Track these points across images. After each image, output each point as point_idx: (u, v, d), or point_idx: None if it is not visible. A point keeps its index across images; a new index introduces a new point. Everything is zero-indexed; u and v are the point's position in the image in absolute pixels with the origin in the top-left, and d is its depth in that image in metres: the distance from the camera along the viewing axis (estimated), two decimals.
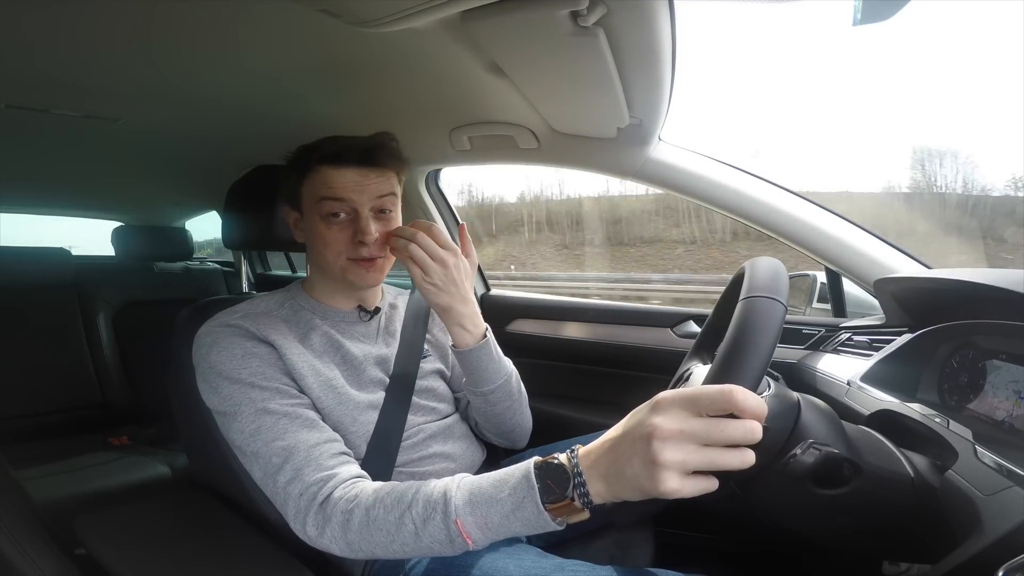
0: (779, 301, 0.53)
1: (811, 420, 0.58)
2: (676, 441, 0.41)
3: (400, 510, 0.53)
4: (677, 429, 0.41)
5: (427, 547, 0.52)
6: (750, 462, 0.41)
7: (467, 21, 0.61)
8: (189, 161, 1.48)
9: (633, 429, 0.44)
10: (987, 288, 0.67)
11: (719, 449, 0.41)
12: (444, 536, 0.51)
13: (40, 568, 0.63)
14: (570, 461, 0.48)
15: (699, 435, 0.41)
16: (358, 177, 0.71)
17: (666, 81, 0.77)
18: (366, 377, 0.77)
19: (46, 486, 1.19)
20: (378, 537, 0.54)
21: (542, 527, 0.48)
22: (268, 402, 0.64)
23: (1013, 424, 0.61)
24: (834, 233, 0.98)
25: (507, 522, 0.49)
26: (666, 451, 0.41)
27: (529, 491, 0.48)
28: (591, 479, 0.46)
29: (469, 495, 0.51)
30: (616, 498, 0.46)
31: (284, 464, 0.60)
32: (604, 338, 1.27)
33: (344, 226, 0.72)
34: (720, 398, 0.41)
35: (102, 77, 0.87)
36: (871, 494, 0.55)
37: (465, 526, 0.50)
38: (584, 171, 1.13)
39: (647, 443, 0.42)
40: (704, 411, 0.42)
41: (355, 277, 0.73)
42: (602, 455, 0.46)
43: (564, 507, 0.47)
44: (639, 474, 0.43)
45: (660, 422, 0.42)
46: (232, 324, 0.69)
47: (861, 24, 0.54)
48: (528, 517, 0.48)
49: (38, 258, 1.66)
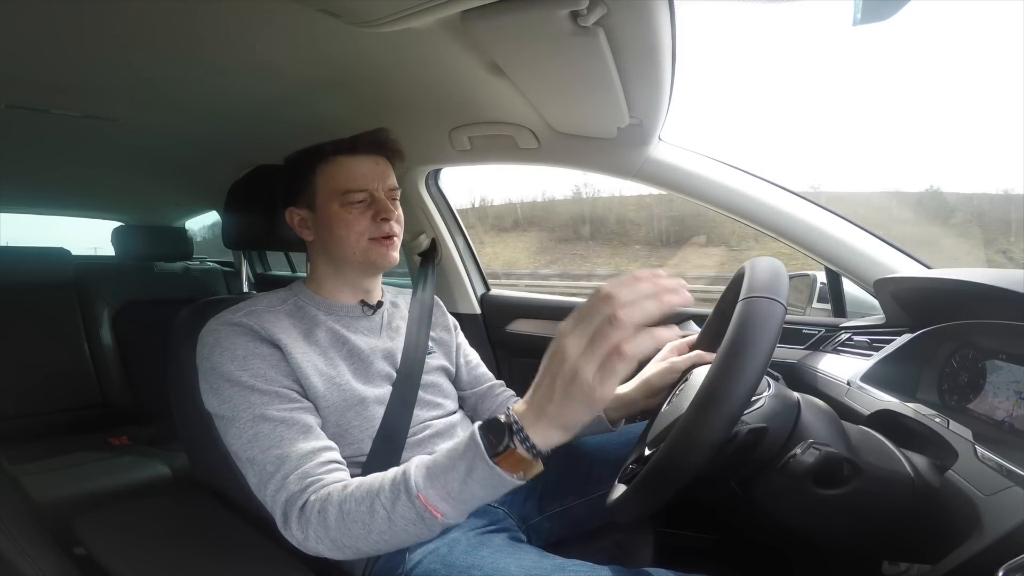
0: (779, 301, 0.53)
1: (811, 420, 0.58)
2: (585, 352, 0.44)
3: (370, 499, 0.55)
4: (580, 342, 0.44)
5: (402, 531, 0.53)
6: (662, 339, 0.44)
7: (467, 21, 0.61)
8: (189, 161, 1.48)
9: (547, 364, 0.47)
10: (987, 288, 0.67)
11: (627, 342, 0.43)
12: (414, 515, 0.53)
13: (40, 568, 0.63)
14: (507, 416, 0.50)
15: (597, 337, 0.44)
16: (372, 164, 0.78)
17: (666, 81, 0.77)
18: (374, 370, 0.77)
19: (46, 486, 1.19)
20: (356, 530, 0.55)
21: (501, 485, 0.50)
22: (267, 407, 0.64)
23: (1013, 424, 0.61)
24: (834, 233, 0.98)
25: (467, 487, 0.51)
26: (581, 361, 0.44)
27: (476, 449, 0.50)
28: (530, 426, 0.49)
29: (427, 470, 0.53)
30: (562, 430, 0.48)
31: (276, 472, 0.61)
32: None
33: (363, 209, 0.76)
34: (596, 301, 0.44)
35: (102, 77, 0.87)
36: (871, 494, 0.55)
37: (429, 500, 0.52)
38: (584, 171, 1.13)
39: (561, 364, 0.45)
40: (595, 321, 0.44)
41: (377, 256, 0.77)
42: (532, 400, 0.49)
43: (513, 459, 0.49)
44: (568, 392, 0.45)
45: (565, 343, 0.45)
46: (236, 323, 0.69)
47: (861, 24, 0.54)
48: (484, 476, 0.50)
49: (38, 258, 1.66)
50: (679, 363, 0.81)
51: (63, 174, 1.56)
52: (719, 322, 0.79)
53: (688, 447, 0.50)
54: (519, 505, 0.86)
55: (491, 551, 0.68)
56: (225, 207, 0.93)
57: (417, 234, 1.36)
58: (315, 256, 0.82)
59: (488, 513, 0.80)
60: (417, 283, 1.18)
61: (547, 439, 0.49)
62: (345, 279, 0.80)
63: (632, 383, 0.84)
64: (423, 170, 1.30)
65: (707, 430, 0.50)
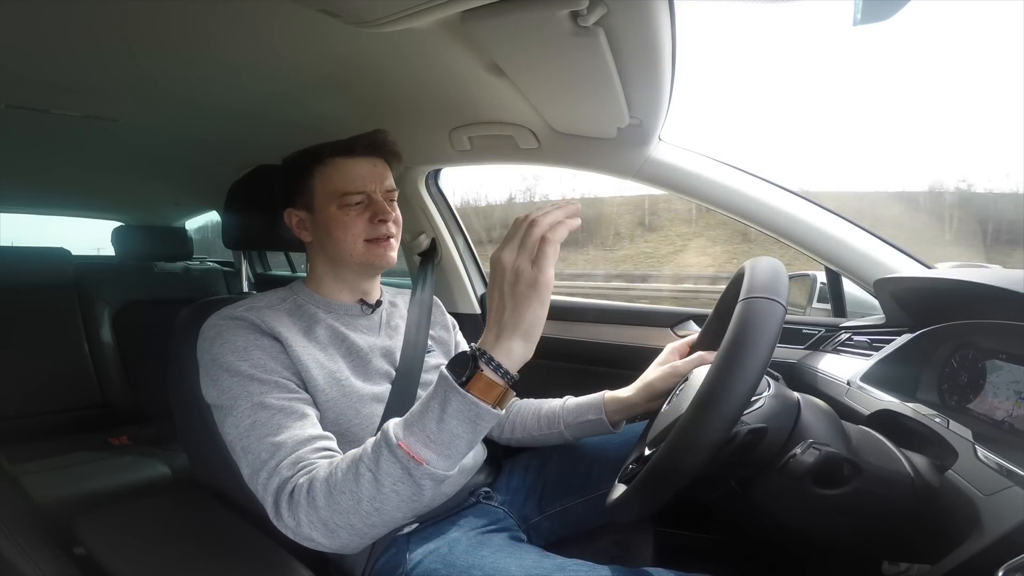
0: (779, 302, 0.53)
1: (811, 420, 0.58)
2: (519, 253, 0.51)
3: (354, 466, 0.54)
4: (512, 249, 0.52)
5: (392, 493, 0.52)
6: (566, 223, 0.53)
7: (467, 21, 0.61)
8: (189, 161, 1.48)
9: (492, 283, 0.53)
10: (987, 288, 0.67)
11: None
12: (400, 470, 0.52)
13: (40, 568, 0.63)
14: (470, 346, 0.54)
15: (524, 239, 0.51)
16: (369, 166, 0.78)
17: (666, 81, 0.77)
18: (372, 368, 0.77)
19: (46, 486, 1.19)
20: (345, 502, 0.53)
21: (478, 417, 0.51)
22: (266, 396, 0.64)
23: (1013, 424, 0.61)
24: (834, 233, 0.98)
25: (444, 424, 0.51)
26: (518, 261, 0.51)
27: (445, 383, 0.52)
28: (491, 347, 0.51)
29: (403, 421, 0.55)
30: (522, 338, 0.51)
31: (269, 460, 0.59)
32: (604, 338, 1.27)
33: (360, 211, 0.76)
34: (516, 222, 0.53)
35: (102, 77, 0.87)
36: (871, 494, 0.55)
37: (412, 447, 0.52)
38: (584, 171, 1.13)
39: (503, 273, 0.51)
40: (519, 232, 0.52)
41: (374, 257, 0.77)
42: (491, 324, 0.53)
43: (482, 383, 0.51)
44: (516, 293, 0.50)
45: (501, 256, 0.52)
46: (238, 316, 0.69)
47: (861, 24, 0.54)
48: (458, 408, 0.51)
49: (38, 258, 1.66)
50: (680, 366, 0.81)
51: (63, 174, 1.56)
52: (719, 322, 0.79)
53: (688, 447, 0.51)
54: (519, 505, 0.87)
55: (491, 551, 0.68)
56: (225, 207, 0.93)
57: (417, 234, 1.36)
58: (313, 256, 0.82)
59: (488, 513, 0.80)
60: (417, 283, 1.18)
61: (511, 354, 0.51)
62: (343, 279, 0.80)
63: (633, 386, 0.84)
64: (423, 170, 1.30)
65: (707, 430, 0.50)
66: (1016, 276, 0.64)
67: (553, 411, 0.88)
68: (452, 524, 0.74)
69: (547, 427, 0.87)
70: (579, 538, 0.86)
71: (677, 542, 1.11)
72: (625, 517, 0.61)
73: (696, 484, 0.53)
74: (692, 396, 0.53)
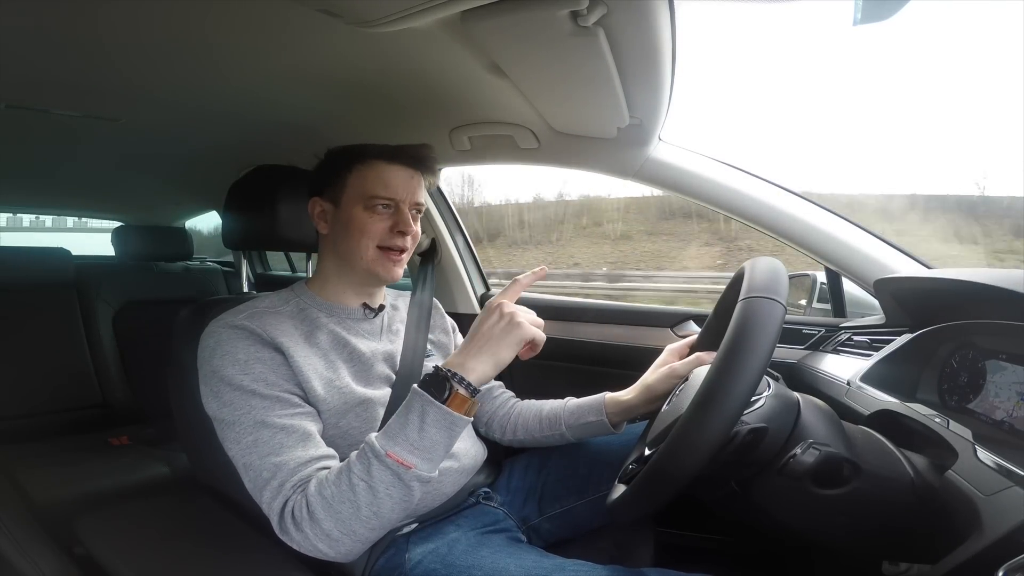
0: (778, 302, 0.53)
1: (811, 420, 0.58)
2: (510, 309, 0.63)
3: (345, 478, 0.58)
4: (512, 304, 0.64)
5: (385, 496, 0.58)
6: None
7: (467, 21, 0.61)
8: (189, 161, 1.48)
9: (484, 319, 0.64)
10: (987, 288, 0.66)
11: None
12: (391, 476, 0.58)
13: (40, 568, 0.63)
14: (438, 368, 0.62)
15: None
16: (407, 176, 0.78)
17: (666, 81, 0.77)
18: (374, 373, 0.77)
19: (46, 486, 1.19)
20: (345, 511, 0.57)
21: (453, 424, 0.60)
22: (267, 413, 0.64)
23: (1013, 424, 0.61)
24: (834, 233, 0.98)
25: (425, 432, 0.59)
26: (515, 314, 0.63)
27: (422, 399, 0.59)
28: (464, 369, 0.61)
29: (384, 433, 0.60)
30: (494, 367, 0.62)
31: (271, 479, 0.61)
32: (604, 338, 1.27)
33: (384, 217, 0.77)
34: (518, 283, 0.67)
35: (102, 77, 0.87)
36: (871, 494, 0.55)
37: (398, 455, 0.58)
38: (584, 171, 1.13)
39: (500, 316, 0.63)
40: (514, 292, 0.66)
41: (381, 268, 0.77)
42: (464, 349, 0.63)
43: (455, 399, 0.60)
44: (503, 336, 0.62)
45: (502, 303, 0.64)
46: (238, 325, 0.68)
47: (861, 24, 0.54)
48: (438, 417, 0.59)
49: (38, 258, 1.66)
50: (679, 368, 0.81)
51: (63, 174, 1.56)
52: (719, 322, 0.79)
53: (688, 447, 0.50)
54: (519, 506, 0.87)
55: (491, 551, 0.68)
56: (225, 207, 0.93)
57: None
58: (324, 252, 0.82)
59: (488, 513, 0.80)
60: (416, 283, 1.18)
61: (480, 374, 0.61)
62: (348, 281, 0.80)
63: (633, 389, 0.84)
64: None
65: (707, 430, 0.50)
66: (1016, 276, 0.64)
67: (554, 412, 0.88)
68: (452, 524, 0.74)
69: (548, 428, 0.88)
70: (579, 538, 0.86)
71: (677, 542, 1.11)
72: (625, 517, 0.61)
73: (696, 484, 0.53)
74: (692, 396, 0.53)
